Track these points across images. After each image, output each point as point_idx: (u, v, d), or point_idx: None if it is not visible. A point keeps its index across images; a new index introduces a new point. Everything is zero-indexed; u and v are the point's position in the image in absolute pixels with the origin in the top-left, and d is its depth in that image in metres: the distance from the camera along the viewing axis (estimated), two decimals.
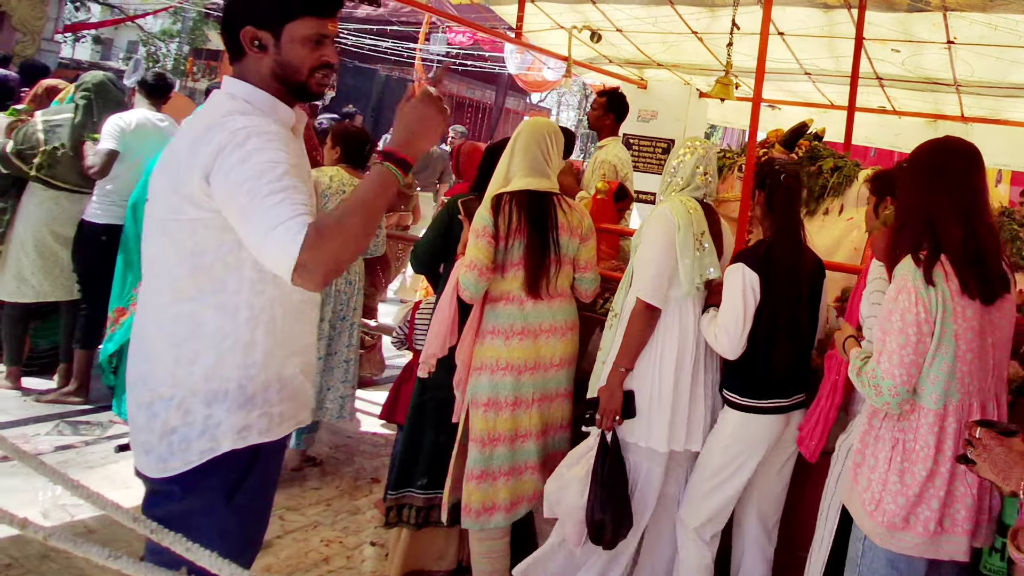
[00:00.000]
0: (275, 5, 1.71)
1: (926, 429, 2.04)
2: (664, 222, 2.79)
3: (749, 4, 5.70)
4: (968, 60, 5.87)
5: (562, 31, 7.22)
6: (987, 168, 6.53)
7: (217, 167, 1.58)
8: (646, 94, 8.88)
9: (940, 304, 2.00)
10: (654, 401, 2.74)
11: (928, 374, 2.03)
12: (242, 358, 1.70)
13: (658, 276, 2.73)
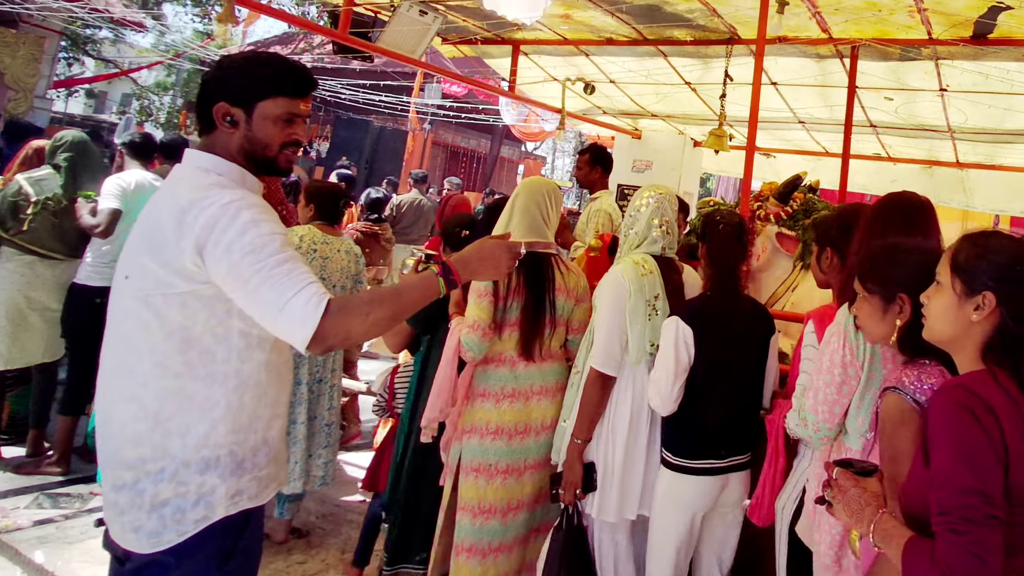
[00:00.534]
0: (249, 84, 1.80)
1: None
2: (615, 287, 2.76)
3: (742, 55, 5.81)
4: (961, 107, 5.95)
5: (556, 83, 7.33)
6: (983, 212, 6.54)
7: (213, 241, 1.63)
8: (640, 144, 8.99)
9: (868, 349, 2.09)
10: (607, 471, 2.70)
11: (856, 416, 2.11)
12: (232, 424, 1.74)
13: (609, 344, 2.71)
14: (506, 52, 6.89)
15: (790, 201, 4.74)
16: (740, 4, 4.95)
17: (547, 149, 17.03)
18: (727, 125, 7.02)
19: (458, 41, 6.82)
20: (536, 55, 6.94)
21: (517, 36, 6.52)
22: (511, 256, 1.89)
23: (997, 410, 1.45)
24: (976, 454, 1.40)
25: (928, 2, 4.38)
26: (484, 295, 2.84)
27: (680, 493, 2.66)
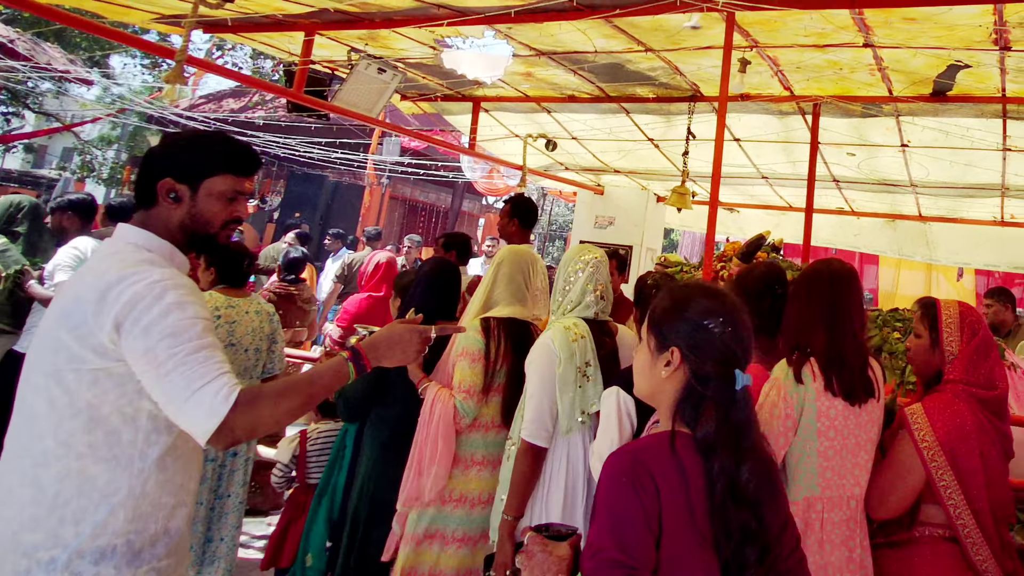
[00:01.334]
0: (197, 160, 1.85)
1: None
2: (545, 354, 2.70)
3: (705, 112, 5.91)
4: (923, 162, 6.12)
5: (517, 139, 7.38)
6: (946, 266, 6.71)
7: (133, 319, 1.63)
8: (603, 200, 9.07)
9: (805, 401, 2.25)
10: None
11: (796, 467, 2.25)
12: (133, 511, 1.71)
13: (540, 414, 2.65)
14: (467, 109, 6.92)
15: (753, 261, 4.78)
16: (702, 63, 5.05)
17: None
18: (690, 181, 7.11)
19: (417, 98, 6.83)
20: (497, 112, 6.98)
21: (478, 93, 6.56)
22: (421, 341, 1.95)
23: (659, 479, 1.45)
24: (627, 527, 1.42)
25: (888, 61, 4.51)
26: (477, 359, 2.88)
27: None
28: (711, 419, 1.52)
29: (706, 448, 1.50)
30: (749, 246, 4.91)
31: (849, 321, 2.36)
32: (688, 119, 6.03)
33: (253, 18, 4.95)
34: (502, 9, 4.27)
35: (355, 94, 6.03)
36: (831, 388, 2.27)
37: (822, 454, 2.25)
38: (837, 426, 2.26)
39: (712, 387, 1.54)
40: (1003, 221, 7.32)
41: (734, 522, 1.46)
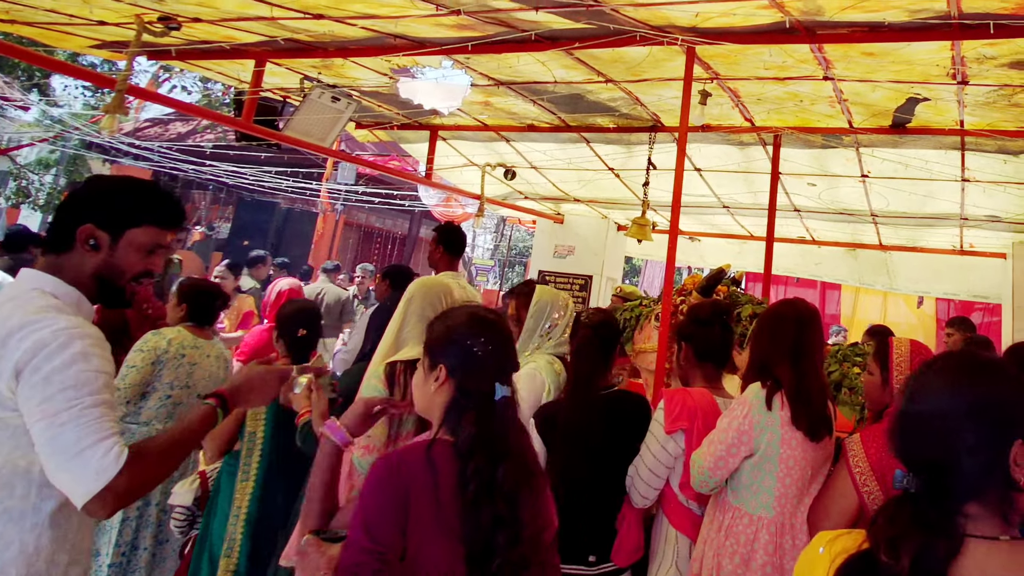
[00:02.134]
0: (123, 209, 1.81)
1: (741, 530, 2.46)
2: (532, 383, 2.83)
3: (665, 142, 5.96)
4: (883, 193, 6.26)
5: (476, 168, 7.36)
6: (907, 293, 6.89)
7: (33, 367, 1.60)
8: (563, 229, 9.09)
9: (770, 427, 2.45)
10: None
11: (752, 484, 2.46)
12: (26, 569, 1.66)
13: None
14: (424, 137, 6.89)
15: (713, 295, 4.80)
16: (663, 93, 5.10)
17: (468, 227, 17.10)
18: (651, 211, 7.17)
19: (373, 126, 6.78)
20: (455, 140, 6.96)
21: (435, 122, 6.53)
22: (278, 381, 2.02)
23: (409, 479, 1.66)
24: (376, 520, 1.64)
25: (848, 93, 4.60)
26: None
27: None
28: (470, 427, 1.73)
29: (463, 453, 1.71)
30: (709, 280, 4.93)
31: (812, 360, 2.56)
32: (649, 149, 6.09)
33: (202, 47, 4.86)
34: (460, 41, 4.25)
35: (308, 123, 5.95)
36: (796, 421, 2.46)
37: (780, 479, 2.43)
38: (796, 456, 2.44)
39: (473, 399, 1.76)
40: (962, 250, 7.52)
41: (486, 514, 1.67)
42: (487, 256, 24.26)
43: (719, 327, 2.91)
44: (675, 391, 2.75)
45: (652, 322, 4.80)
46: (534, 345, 2.99)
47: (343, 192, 13.55)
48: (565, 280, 9.06)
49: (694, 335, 2.90)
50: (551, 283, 9.08)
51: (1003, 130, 4.68)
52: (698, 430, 2.61)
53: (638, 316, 4.99)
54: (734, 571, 2.41)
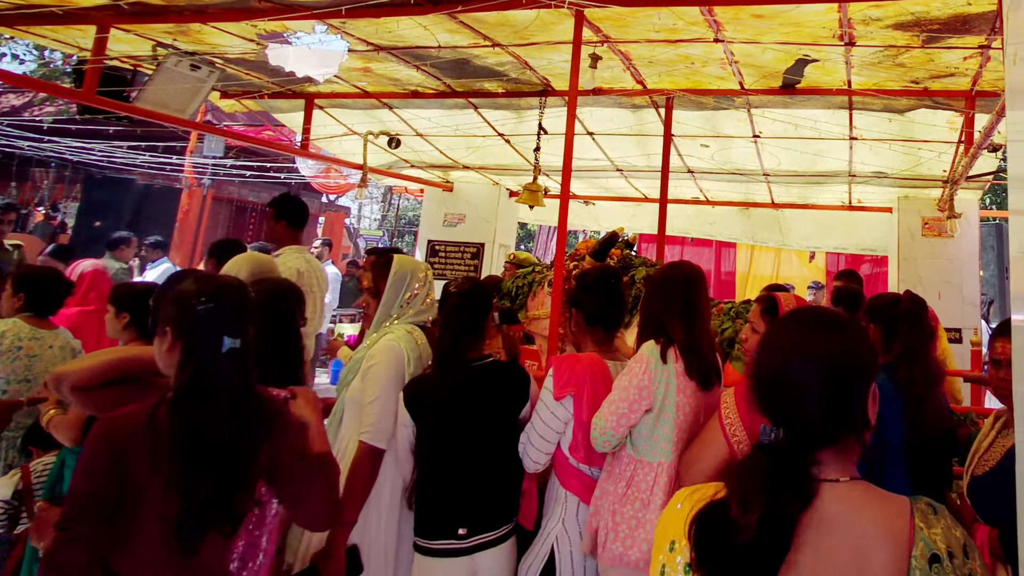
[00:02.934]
0: None
1: (640, 477, 2.61)
2: (394, 356, 2.83)
3: (556, 106, 5.97)
4: (774, 153, 6.51)
5: (357, 137, 7.16)
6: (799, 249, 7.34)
7: None
8: (452, 197, 9.02)
9: (666, 379, 2.63)
10: (376, 551, 2.76)
11: (651, 435, 2.62)
12: None
13: (386, 416, 2.77)
14: (298, 106, 6.63)
15: (607, 259, 4.89)
16: (552, 57, 5.09)
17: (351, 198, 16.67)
18: (543, 176, 7.21)
19: (241, 95, 6.46)
20: (333, 109, 6.74)
21: (310, 90, 6.29)
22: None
23: (125, 438, 1.87)
24: (93, 471, 1.85)
25: (739, 55, 4.73)
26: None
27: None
28: (185, 379, 1.91)
29: (177, 404, 1.90)
30: (602, 244, 5.02)
31: (701, 318, 2.78)
32: (539, 114, 6.08)
33: (30, 11, 4.46)
34: (333, 4, 4.08)
35: (164, 93, 5.60)
36: (689, 372, 2.67)
37: (678, 425, 2.63)
38: (691, 404, 2.66)
39: (198, 354, 1.92)
40: (851, 206, 7.96)
41: (199, 456, 1.86)
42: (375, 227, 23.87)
43: (607, 291, 2.99)
44: (563, 357, 2.84)
45: (545, 288, 4.86)
46: (394, 316, 3.01)
47: (210, 166, 12.91)
48: (456, 249, 9.03)
49: (582, 300, 2.99)
50: (441, 253, 9.04)
51: (889, 89, 4.94)
52: (587, 395, 2.71)
53: (531, 283, 5.03)
54: (634, 515, 2.55)
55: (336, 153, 7.90)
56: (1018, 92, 1.19)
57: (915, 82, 4.85)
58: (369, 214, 24.43)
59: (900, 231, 7.25)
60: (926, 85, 4.87)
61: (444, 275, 8.86)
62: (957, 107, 5.04)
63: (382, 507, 2.77)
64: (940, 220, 6.89)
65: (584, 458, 2.73)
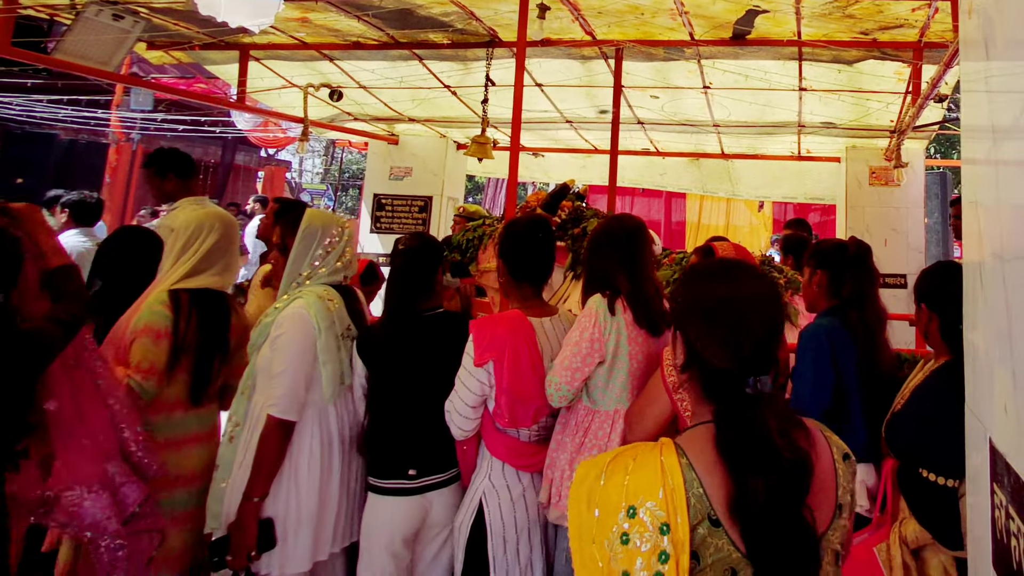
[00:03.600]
0: None
1: (597, 427, 2.70)
2: (301, 326, 2.79)
3: (504, 58, 5.88)
4: (724, 103, 6.53)
5: (297, 90, 6.96)
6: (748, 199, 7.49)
7: None
8: (398, 150, 8.89)
9: (616, 331, 2.70)
10: (292, 523, 2.73)
11: (606, 385, 2.71)
12: None
13: (295, 388, 2.75)
14: (232, 58, 6.40)
15: (558, 211, 4.89)
16: (499, 7, 4.99)
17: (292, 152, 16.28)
18: (492, 128, 7.13)
19: (169, 46, 6.19)
20: (270, 60, 6.52)
21: (245, 41, 6.07)
22: None
23: None
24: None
25: (689, 5, 4.70)
26: (163, 336, 2.84)
27: (378, 515, 2.80)
28: None
29: None
30: (552, 196, 5.00)
31: (644, 267, 2.85)
32: (487, 65, 5.98)
33: None
34: None
35: (85, 45, 5.35)
36: (638, 321, 2.74)
37: (632, 374, 2.71)
38: (643, 351, 2.75)
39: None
40: (800, 156, 8.06)
41: None
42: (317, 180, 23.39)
43: (535, 245, 2.92)
44: (482, 321, 2.81)
45: (495, 241, 4.84)
46: (304, 274, 2.95)
47: (139, 120, 12.44)
48: (404, 203, 8.94)
49: (510, 253, 2.91)
50: (388, 207, 8.93)
51: (838, 40, 4.97)
52: (508, 360, 2.69)
53: (481, 236, 5.00)
54: None
55: (275, 106, 7.68)
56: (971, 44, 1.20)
57: (864, 33, 4.88)
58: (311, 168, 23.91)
59: (848, 180, 7.39)
60: (875, 36, 4.92)
61: (392, 229, 8.79)
62: (905, 58, 5.10)
63: (302, 478, 2.76)
64: (887, 169, 7.03)
65: (509, 422, 2.75)
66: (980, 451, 1.04)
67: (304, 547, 2.73)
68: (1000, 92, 0.86)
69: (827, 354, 2.87)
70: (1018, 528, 0.78)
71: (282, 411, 2.70)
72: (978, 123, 1.00)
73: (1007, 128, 0.86)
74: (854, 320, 2.95)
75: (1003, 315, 0.89)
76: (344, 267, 3.01)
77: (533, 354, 2.74)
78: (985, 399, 1.02)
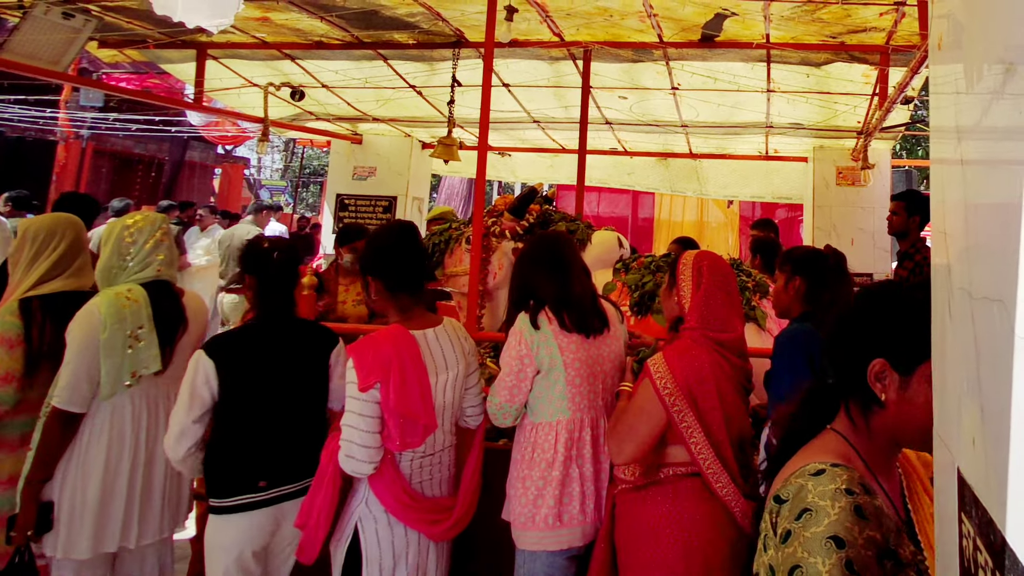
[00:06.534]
0: None
1: (542, 440, 2.80)
2: (88, 320, 2.90)
3: (471, 58, 5.90)
4: (693, 104, 6.63)
5: (257, 89, 6.91)
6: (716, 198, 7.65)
7: None
8: (362, 150, 8.87)
9: (545, 342, 2.80)
10: (76, 509, 2.87)
11: (544, 395, 2.80)
12: None
13: (76, 380, 2.86)
14: (189, 57, 6.34)
15: (525, 215, 4.93)
16: (466, 8, 5.02)
17: (250, 148, 16.07)
18: (458, 128, 7.15)
19: (123, 45, 6.12)
20: (229, 60, 6.47)
21: (203, 40, 6.02)
22: None
23: None
24: None
25: (658, 8, 4.76)
26: (16, 345, 2.98)
27: (225, 532, 2.75)
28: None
29: None
30: (521, 200, 5.05)
31: (570, 270, 2.93)
32: (453, 66, 6.01)
33: None
34: None
35: (34, 44, 5.28)
36: (564, 326, 2.82)
37: (570, 381, 2.79)
38: (579, 357, 2.81)
39: None
40: (767, 155, 8.20)
41: None
42: (276, 177, 23.15)
43: (407, 252, 2.81)
44: (361, 344, 2.65)
45: (463, 245, 4.86)
46: (115, 273, 3.06)
47: (88, 118, 12.24)
48: (367, 203, 8.92)
49: (380, 266, 2.77)
50: (351, 207, 8.92)
51: (806, 44, 5.08)
52: (394, 380, 2.56)
53: (447, 240, 5.02)
54: (541, 476, 2.76)
55: (234, 106, 7.62)
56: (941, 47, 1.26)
57: (832, 37, 5.00)
58: (271, 163, 23.65)
59: (815, 180, 7.53)
60: (843, 40, 5.03)
61: None
62: (872, 61, 5.22)
63: (90, 467, 2.88)
64: (854, 170, 7.19)
65: (400, 445, 2.62)
66: (948, 474, 1.09)
67: (87, 535, 2.86)
68: (967, 94, 0.93)
69: (804, 359, 2.93)
70: (985, 561, 0.84)
71: (63, 402, 2.83)
72: (945, 124, 1.07)
73: (970, 128, 0.92)
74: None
75: (971, 351, 0.94)
76: (162, 262, 3.07)
77: (419, 369, 2.63)
78: (953, 428, 1.08)
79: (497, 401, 2.80)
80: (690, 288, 2.78)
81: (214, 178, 18.95)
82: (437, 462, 2.76)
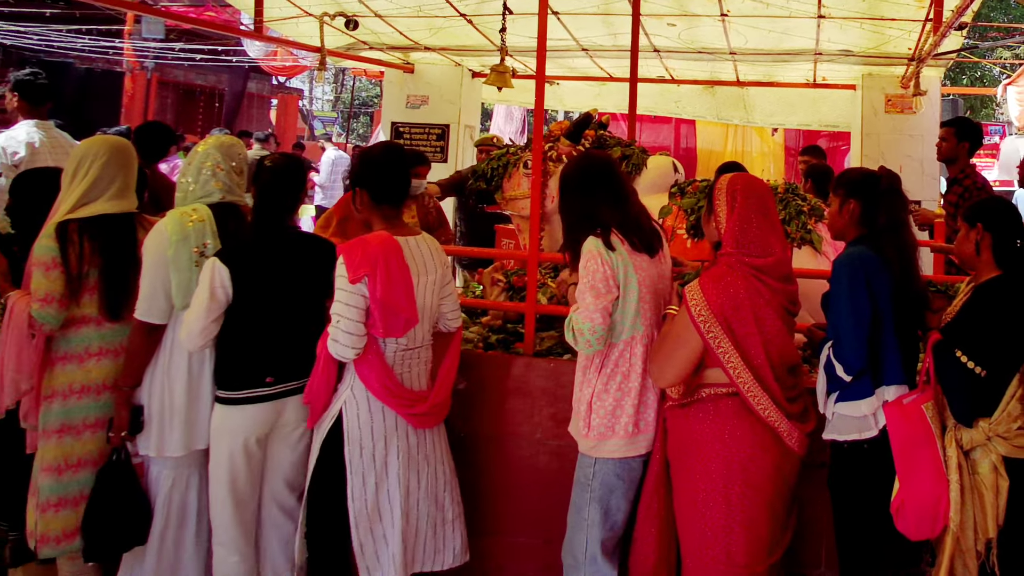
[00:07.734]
0: None
1: (617, 356, 2.82)
2: (156, 237, 2.99)
3: None
4: (741, 31, 6.43)
5: (312, 19, 6.87)
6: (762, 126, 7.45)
7: None
8: (414, 79, 8.79)
9: (622, 262, 2.78)
10: (166, 411, 3.01)
11: (622, 315, 2.80)
12: None
13: (152, 293, 2.96)
14: None
15: (581, 140, 4.87)
16: None
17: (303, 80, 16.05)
18: (509, 57, 7.04)
19: None
20: None
21: None
22: None
23: None
24: None
25: None
26: (53, 267, 3.00)
27: (229, 423, 2.96)
28: None
29: None
30: (576, 125, 4.98)
31: (625, 195, 2.94)
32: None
33: None
34: None
35: None
36: (636, 248, 2.84)
37: (642, 299, 2.82)
38: (649, 275, 2.86)
39: None
40: (815, 83, 7.94)
41: None
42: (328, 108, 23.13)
43: (394, 167, 3.01)
44: (352, 243, 2.86)
45: (520, 169, 4.83)
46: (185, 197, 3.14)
47: (152, 49, 12.30)
48: (421, 130, 8.89)
49: (369, 179, 2.98)
50: (406, 135, 8.91)
51: None
52: (381, 274, 2.76)
53: (505, 164, 5.00)
54: (619, 388, 2.82)
55: (290, 36, 7.60)
56: None
57: None
58: (322, 95, 23.61)
59: (864, 108, 7.31)
60: None
61: None
62: None
63: (175, 372, 3.01)
64: (903, 97, 6.95)
65: (383, 332, 2.83)
66: None
67: (177, 434, 3.00)
68: None
69: (863, 282, 2.88)
70: None
71: (141, 313, 2.94)
72: None
73: None
74: (888, 248, 2.92)
75: None
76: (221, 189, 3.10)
77: (403, 268, 2.83)
78: None
79: (589, 326, 2.73)
80: (725, 212, 2.75)
81: (271, 109, 19.01)
82: (416, 357, 2.98)
